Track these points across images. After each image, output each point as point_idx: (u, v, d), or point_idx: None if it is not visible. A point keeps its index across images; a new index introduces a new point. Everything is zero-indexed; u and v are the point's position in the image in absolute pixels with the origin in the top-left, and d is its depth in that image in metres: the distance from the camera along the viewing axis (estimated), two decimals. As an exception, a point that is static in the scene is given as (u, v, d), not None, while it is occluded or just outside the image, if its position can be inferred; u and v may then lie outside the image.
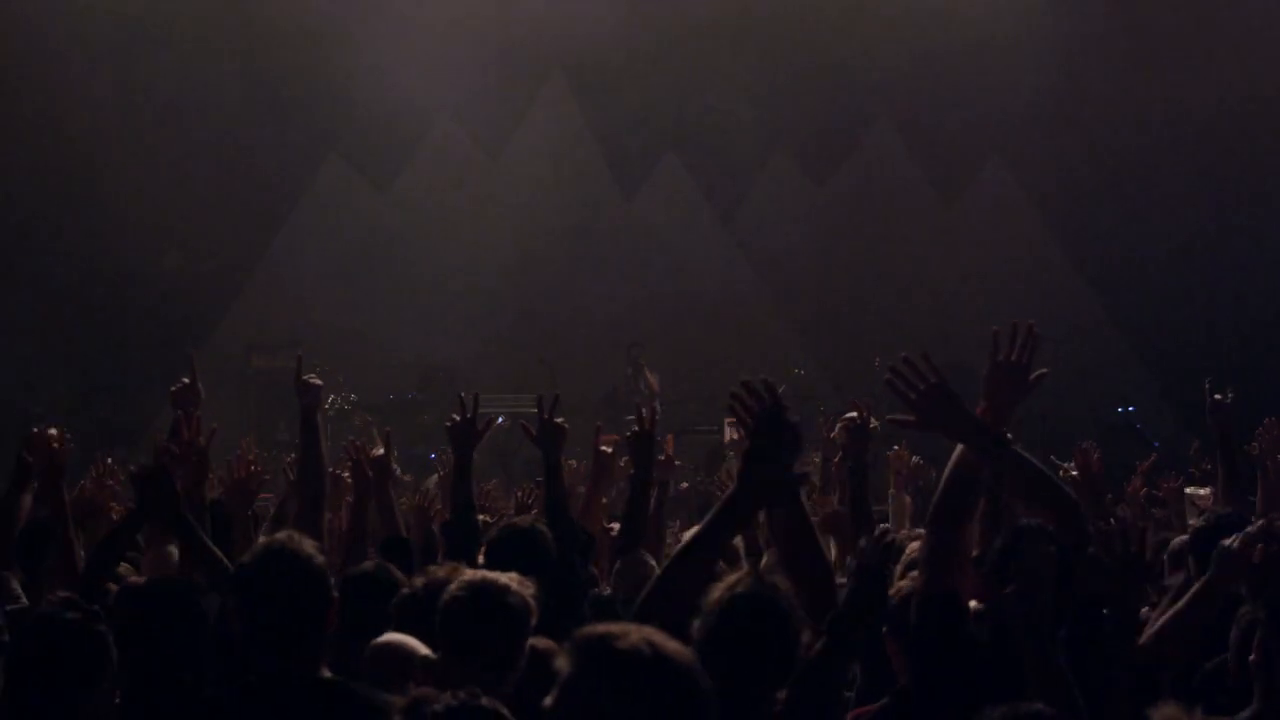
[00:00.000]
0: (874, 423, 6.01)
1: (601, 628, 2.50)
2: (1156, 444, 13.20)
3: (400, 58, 16.43)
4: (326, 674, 3.77)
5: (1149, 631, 4.27)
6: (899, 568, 4.69)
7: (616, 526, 6.92)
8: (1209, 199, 16.71)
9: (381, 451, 6.34)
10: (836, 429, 6.68)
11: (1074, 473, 6.19)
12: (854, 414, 6.12)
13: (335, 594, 3.87)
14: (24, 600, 5.42)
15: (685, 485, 9.86)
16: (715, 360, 17.65)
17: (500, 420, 15.36)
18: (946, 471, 3.96)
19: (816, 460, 7.83)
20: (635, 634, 2.47)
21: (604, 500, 7.77)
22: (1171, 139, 16.70)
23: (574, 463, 10.52)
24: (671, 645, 2.50)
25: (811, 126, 17.80)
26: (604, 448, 6.15)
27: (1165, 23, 16.33)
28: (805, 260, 18.28)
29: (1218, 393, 6.85)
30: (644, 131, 17.92)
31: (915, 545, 4.76)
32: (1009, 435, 3.86)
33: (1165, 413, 16.86)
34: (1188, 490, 7.92)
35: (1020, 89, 16.72)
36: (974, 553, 3.98)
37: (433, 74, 16.78)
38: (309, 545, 3.88)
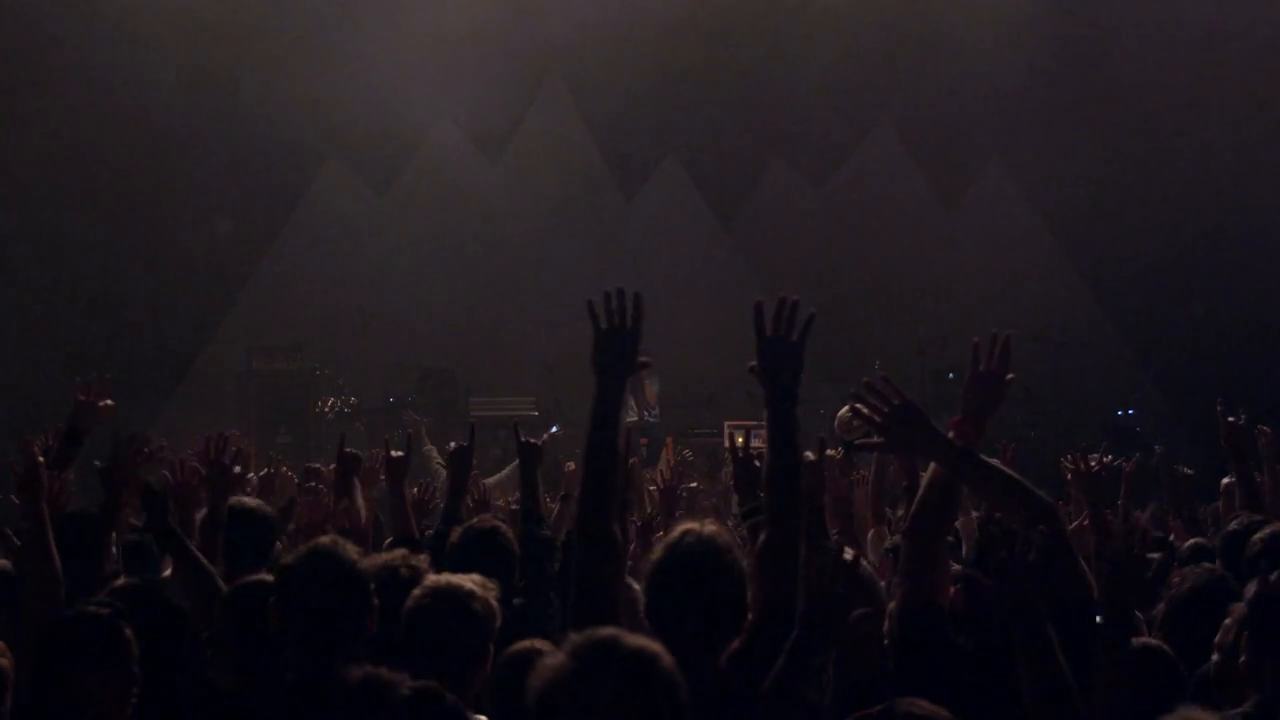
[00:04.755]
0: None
1: (596, 634, 2.51)
2: (1157, 446, 13.16)
3: (399, 60, 16.44)
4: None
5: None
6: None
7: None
8: (1209, 202, 16.69)
9: (401, 454, 6.44)
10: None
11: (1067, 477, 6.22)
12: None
13: (376, 600, 3.90)
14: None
15: (695, 485, 9.82)
16: (715, 363, 17.65)
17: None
18: (924, 483, 4.00)
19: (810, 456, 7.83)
20: (630, 636, 2.51)
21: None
22: (1172, 142, 16.70)
23: (572, 464, 10.52)
24: (652, 641, 2.57)
25: (811, 129, 17.79)
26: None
27: (1167, 26, 16.32)
28: (805, 262, 18.27)
29: (1231, 415, 6.90)
30: (644, 134, 17.92)
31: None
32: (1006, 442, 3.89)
33: (1165, 415, 16.85)
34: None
35: (1020, 91, 16.73)
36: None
37: (432, 76, 16.79)
38: (352, 549, 3.94)
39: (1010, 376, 4.01)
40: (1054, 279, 17.82)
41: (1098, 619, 3.90)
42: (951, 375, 15.23)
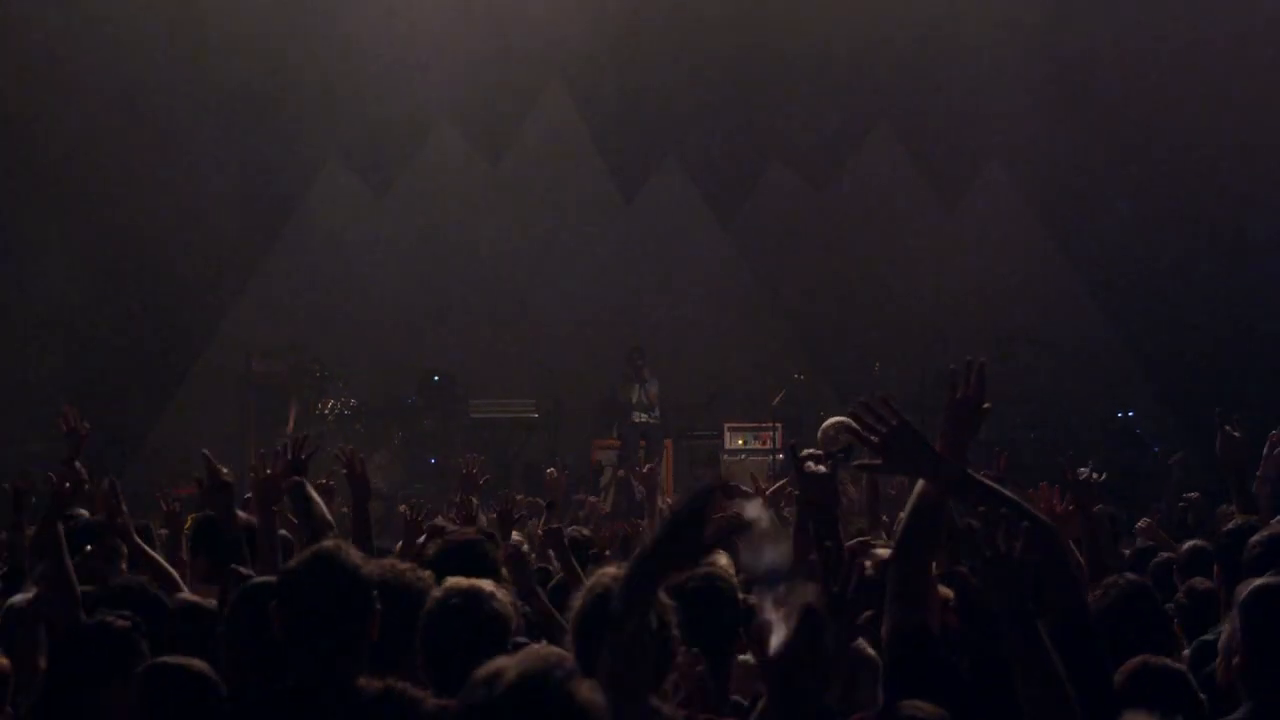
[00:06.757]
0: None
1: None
2: (1156, 449, 13.18)
3: (400, 62, 16.43)
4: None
5: None
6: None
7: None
8: (1210, 203, 16.69)
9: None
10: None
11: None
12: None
13: (379, 606, 3.89)
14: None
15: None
16: (715, 365, 17.65)
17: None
18: (910, 503, 4.02)
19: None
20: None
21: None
22: (1171, 144, 16.69)
23: (553, 470, 10.55)
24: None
25: (811, 129, 17.78)
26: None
27: (1166, 28, 16.31)
28: (805, 265, 18.27)
29: (1227, 425, 6.90)
30: (644, 134, 17.91)
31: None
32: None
33: (1165, 417, 16.84)
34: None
35: (1020, 93, 16.71)
36: None
37: (432, 78, 16.78)
38: (356, 555, 3.92)
39: (986, 406, 4.03)
40: (1054, 280, 17.81)
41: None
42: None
